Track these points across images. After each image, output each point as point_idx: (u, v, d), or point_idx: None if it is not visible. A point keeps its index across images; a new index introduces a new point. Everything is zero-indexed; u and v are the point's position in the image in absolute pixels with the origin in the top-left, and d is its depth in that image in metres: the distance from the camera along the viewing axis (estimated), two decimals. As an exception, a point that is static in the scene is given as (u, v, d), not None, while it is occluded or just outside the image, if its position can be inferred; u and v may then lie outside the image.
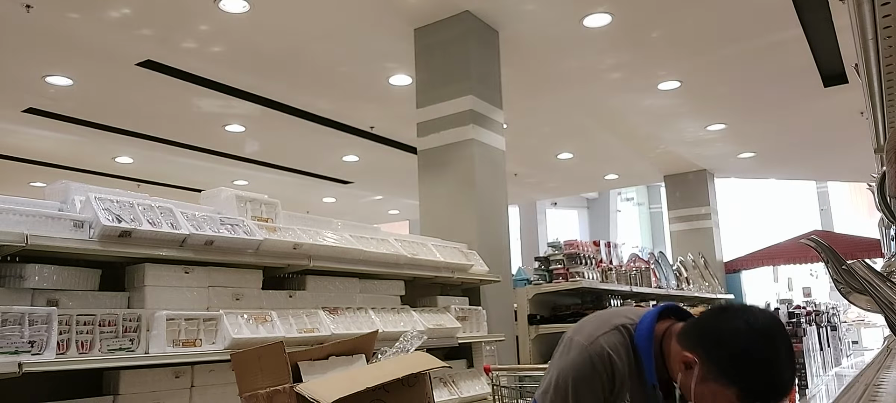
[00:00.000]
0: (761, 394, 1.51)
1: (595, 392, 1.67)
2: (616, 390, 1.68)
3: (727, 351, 1.53)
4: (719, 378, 1.52)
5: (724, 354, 1.53)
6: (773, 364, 1.52)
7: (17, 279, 2.47)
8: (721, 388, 1.52)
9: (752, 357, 1.51)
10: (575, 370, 1.68)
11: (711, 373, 1.54)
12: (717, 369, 1.53)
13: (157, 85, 6.66)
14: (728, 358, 1.52)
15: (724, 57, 6.56)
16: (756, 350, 1.51)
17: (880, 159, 3.14)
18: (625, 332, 1.71)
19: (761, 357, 1.51)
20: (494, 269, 4.89)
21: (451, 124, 5.27)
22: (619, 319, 1.75)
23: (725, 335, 1.55)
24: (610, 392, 1.68)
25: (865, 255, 9.39)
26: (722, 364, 1.53)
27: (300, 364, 1.88)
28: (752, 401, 1.51)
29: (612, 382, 1.67)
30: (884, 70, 1.87)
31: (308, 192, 12.01)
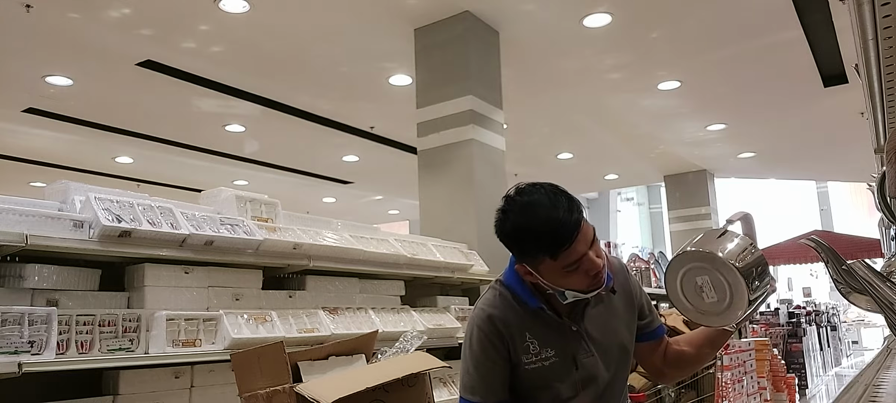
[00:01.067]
0: (558, 241, 1.61)
1: (494, 349, 1.74)
2: (509, 340, 1.74)
3: (515, 243, 1.69)
4: (537, 261, 1.66)
5: (518, 246, 1.69)
6: (541, 215, 1.63)
7: (17, 279, 2.47)
8: (545, 265, 1.65)
9: (526, 228, 1.64)
10: (469, 342, 1.78)
11: (531, 262, 1.68)
12: (527, 259, 1.69)
13: (157, 85, 6.66)
14: (522, 246, 1.68)
15: (724, 57, 6.56)
16: (523, 221, 1.65)
17: (880, 159, 3.14)
18: (496, 285, 1.83)
19: (530, 220, 1.64)
20: (494, 269, 4.89)
21: (451, 124, 5.27)
22: (491, 283, 1.88)
23: (503, 237, 1.71)
24: (503, 345, 1.74)
25: (865, 255, 9.39)
26: (524, 252, 1.68)
27: (300, 364, 1.88)
28: (563, 249, 1.61)
29: (500, 336, 1.74)
30: (884, 70, 1.87)
31: (308, 192, 12.01)
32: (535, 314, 1.77)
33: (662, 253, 8.45)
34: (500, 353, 1.74)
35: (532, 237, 1.64)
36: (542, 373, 1.75)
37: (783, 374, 5.64)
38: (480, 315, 1.78)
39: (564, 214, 1.63)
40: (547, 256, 1.63)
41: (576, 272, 1.65)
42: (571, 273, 1.65)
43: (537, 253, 1.64)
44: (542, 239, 1.62)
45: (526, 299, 1.77)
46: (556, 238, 1.61)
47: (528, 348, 1.75)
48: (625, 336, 1.87)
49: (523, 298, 1.78)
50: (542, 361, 1.75)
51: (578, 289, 1.69)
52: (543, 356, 1.75)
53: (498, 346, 1.74)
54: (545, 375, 1.75)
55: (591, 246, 1.67)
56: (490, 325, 1.75)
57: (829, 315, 9.68)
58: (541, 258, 1.64)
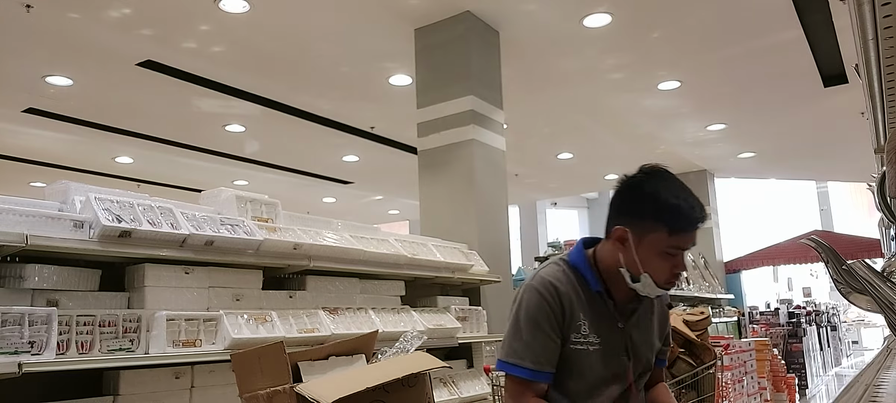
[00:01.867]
0: (684, 220, 1.69)
1: (548, 318, 1.75)
2: (567, 312, 1.77)
3: (642, 204, 1.72)
4: (648, 229, 1.71)
5: (642, 207, 1.72)
6: (681, 193, 1.71)
7: (17, 279, 2.46)
8: (654, 236, 1.70)
9: (663, 196, 1.69)
10: (524, 306, 1.79)
11: (640, 229, 1.72)
12: (642, 223, 1.71)
13: (157, 85, 6.66)
14: (647, 209, 1.71)
15: (725, 57, 6.56)
16: (662, 189, 1.71)
17: (880, 159, 3.14)
18: (561, 262, 1.86)
19: (670, 192, 1.70)
20: (494, 269, 4.89)
21: (452, 124, 5.27)
22: (552, 260, 1.91)
23: (634, 194, 1.75)
24: (561, 315, 1.77)
25: (865, 255, 9.39)
26: (644, 215, 1.71)
27: (300, 364, 1.88)
28: (681, 232, 1.69)
29: (561, 307, 1.77)
30: (884, 70, 1.87)
31: (308, 192, 12.01)
32: (592, 298, 1.81)
33: (662, 253, 8.44)
34: (556, 324, 1.76)
35: (669, 205, 1.68)
36: (583, 356, 1.78)
37: (783, 374, 5.64)
38: (544, 283, 1.79)
39: (699, 206, 1.72)
40: (665, 228, 1.69)
41: (670, 259, 1.72)
42: (666, 258, 1.71)
43: (659, 221, 1.69)
44: (676, 210, 1.68)
45: (589, 280, 1.81)
46: (688, 218, 1.69)
47: (579, 327, 1.78)
48: (650, 354, 1.93)
49: (587, 279, 1.82)
50: (588, 345, 1.78)
51: (659, 278, 1.73)
52: (591, 340, 1.78)
53: (557, 317, 1.76)
54: (585, 359, 1.78)
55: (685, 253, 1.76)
56: (554, 295, 1.77)
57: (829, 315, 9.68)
58: (658, 227, 1.69)
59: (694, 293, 8.57)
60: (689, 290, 8.45)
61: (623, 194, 1.78)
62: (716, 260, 11.27)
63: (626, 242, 1.73)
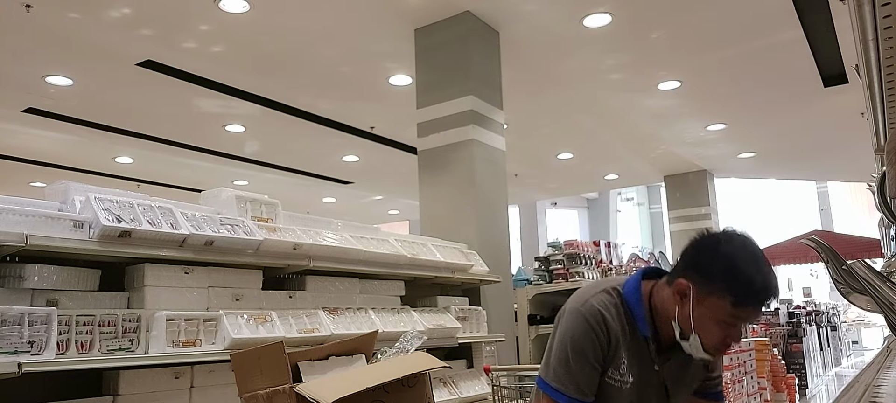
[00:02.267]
0: (753, 295, 1.60)
1: (593, 349, 1.72)
2: (611, 347, 1.73)
3: (715, 264, 1.63)
4: (712, 293, 1.61)
5: (714, 267, 1.62)
6: (757, 269, 1.60)
7: (17, 279, 2.46)
8: (716, 301, 1.61)
9: (738, 265, 1.60)
10: (571, 332, 1.74)
11: (704, 290, 1.63)
12: (708, 284, 1.62)
13: (157, 85, 6.66)
14: (718, 270, 1.61)
15: (725, 57, 6.56)
16: (740, 258, 1.61)
17: (880, 159, 3.14)
18: (614, 293, 1.79)
19: (745, 263, 1.60)
20: (494, 269, 4.89)
21: (452, 124, 5.27)
22: (606, 284, 1.84)
23: (709, 253, 1.66)
24: (606, 349, 1.73)
25: (865, 255, 9.39)
26: (712, 277, 1.62)
27: (300, 364, 1.88)
28: (745, 306, 1.60)
29: (607, 338, 1.72)
30: (884, 70, 1.87)
31: (308, 192, 12.01)
32: (637, 339, 1.76)
33: (662, 254, 8.44)
34: (599, 355, 1.73)
35: (741, 275, 1.60)
36: (615, 392, 1.75)
37: (783, 374, 5.64)
38: (593, 312, 1.74)
39: (774, 285, 1.63)
40: (730, 297, 1.60)
41: (724, 328, 1.64)
42: (721, 326, 1.64)
43: (726, 288, 1.60)
44: (748, 283, 1.59)
45: (639, 322, 1.76)
46: (758, 293, 1.60)
47: (619, 364, 1.75)
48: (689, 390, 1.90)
49: (636, 318, 1.76)
50: (622, 382, 1.75)
51: (708, 343, 1.66)
52: (626, 377, 1.75)
53: (603, 349, 1.73)
54: (617, 395, 1.75)
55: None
56: (602, 328, 1.72)
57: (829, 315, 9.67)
58: (723, 294, 1.60)
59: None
60: (688, 290, 8.44)
61: (697, 248, 1.70)
62: (716, 260, 11.25)
63: (686, 298, 1.66)
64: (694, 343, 1.67)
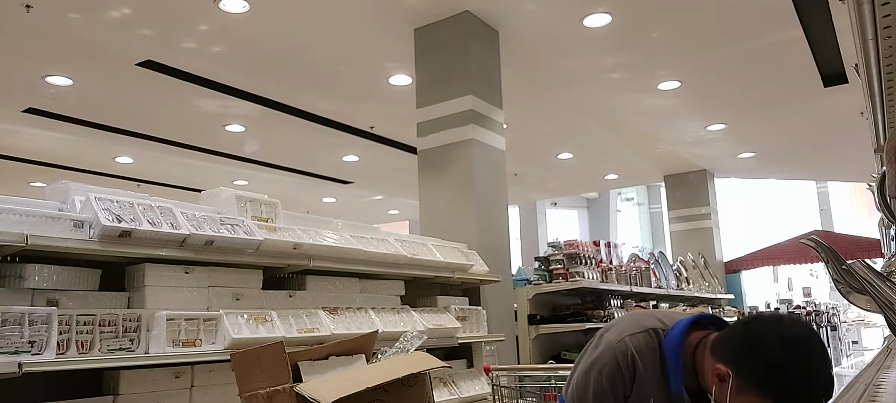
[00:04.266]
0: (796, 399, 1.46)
1: (614, 388, 1.68)
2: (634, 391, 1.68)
3: (760, 361, 1.49)
4: (753, 390, 1.49)
5: (757, 364, 1.49)
6: (808, 373, 1.47)
7: (17, 279, 2.46)
8: (756, 400, 1.49)
9: (786, 366, 1.46)
10: (599, 364, 1.70)
11: (745, 385, 1.50)
12: (750, 380, 1.49)
13: (157, 85, 6.66)
14: (761, 369, 1.48)
15: (725, 57, 6.56)
16: (790, 359, 1.47)
17: (880, 159, 3.14)
18: (655, 336, 1.70)
19: (795, 365, 1.46)
20: (494, 269, 4.89)
21: (451, 124, 5.27)
22: (651, 321, 1.74)
23: (757, 344, 1.51)
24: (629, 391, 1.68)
25: (865, 255, 9.39)
26: (755, 374, 1.49)
27: (300, 364, 1.88)
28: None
29: (632, 382, 1.67)
30: (884, 70, 1.87)
31: (308, 192, 12.01)
32: (668, 390, 1.68)
33: (662, 254, 8.45)
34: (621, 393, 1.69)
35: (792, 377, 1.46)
36: None
37: (783, 374, 5.63)
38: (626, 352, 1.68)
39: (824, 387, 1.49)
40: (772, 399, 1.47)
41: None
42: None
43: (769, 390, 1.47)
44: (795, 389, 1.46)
45: (673, 375, 1.67)
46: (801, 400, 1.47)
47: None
48: None
49: (671, 372, 1.67)
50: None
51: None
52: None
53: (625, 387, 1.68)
54: None
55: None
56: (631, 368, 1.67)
57: (829, 315, 9.69)
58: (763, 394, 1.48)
59: (694, 293, 8.57)
60: (689, 290, 8.45)
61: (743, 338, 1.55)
62: (716, 260, 11.27)
63: (725, 383, 1.53)
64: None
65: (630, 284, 6.56)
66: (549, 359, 5.41)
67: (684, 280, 8.59)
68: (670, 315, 1.78)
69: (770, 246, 12.44)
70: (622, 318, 1.83)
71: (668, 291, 7.66)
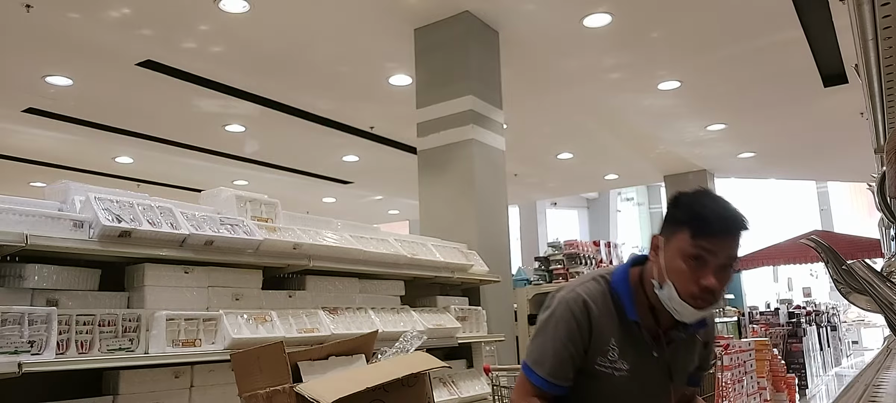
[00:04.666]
0: (709, 222, 1.63)
1: (571, 336, 1.74)
2: (594, 336, 1.75)
3: (678, 209, 1.71)
4: (675, 232, 1.67)
5: (677, 213, 1.70)
6: (713, 200, 1.68)
7: (17, 279, 2.46)
8: (679, 240, 1.66)
9: (690, 198, 1.70)
10: (554, 319, 1.77)
11: (668, 234, 1.69)
12: (670, 228, 1.70)
13: (157, 85, 6.66)
14: (680, 213, 1.69)
15: (724, 57, 6.56)
16: (693, 194, 1.71)
17: (880, 159, 3.14)
18: (602, 281, 1.82)
19: (701, 198, 1.69)
20: (494, 269, 4.89)
21: (451, 124, 5.27)
22: (597, 273, 1.87)
23: (673, 204, 1.74)
24: (588, 338, 1.75)
25: (865, 255, 9.38)
26: (670, 218, 1.71)
27: (300, 364, 1.88)
28: (704, 234, 1.62)
29: (589, 327, 1.75)
30: (884, 70, 1.87)
31: (308, 192, 12.01)
32: (628, 325, 1.77)
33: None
34: (580, 341, 1.75)
35: (695, 207, 1.67)
36: (607, 381, 1.76)
37: (783, 374, 5.63)
38: (576, 298, 1.76)
39: (734, 215, 1.66)
40: (688, 230, 1.64)
41: (694, 268, 1.64)
42: (689, 263, 1.64)
43: (684, 222, 1.66)
44: (701, 211, 1.65)
45: (626, 307, 1.77)
46: (711, 220, 1.64)
47: (607, 351, 1.76)
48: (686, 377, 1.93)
49: (624, 305, 1.77)
50: (614, 370, 1.76)
51: (681, 289, 1.65)
52: (617, 366, 1.76)
53: (582, 334, 1.74)
54: (609, 384, 1.76)
55: (722, 271, 1.65)
56: (583, 312, 1.75)
57: (829, 315, 9.67)
58: (682, 229, 1.65)
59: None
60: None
61: (669, 208, 1.76)
62: (716, 260, 11.26)
63: (658, 249, 1.71)
64: (668, 291, 1.66)
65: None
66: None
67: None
68: (610, 268, 1.90)
69: (770, 246, 12.41)
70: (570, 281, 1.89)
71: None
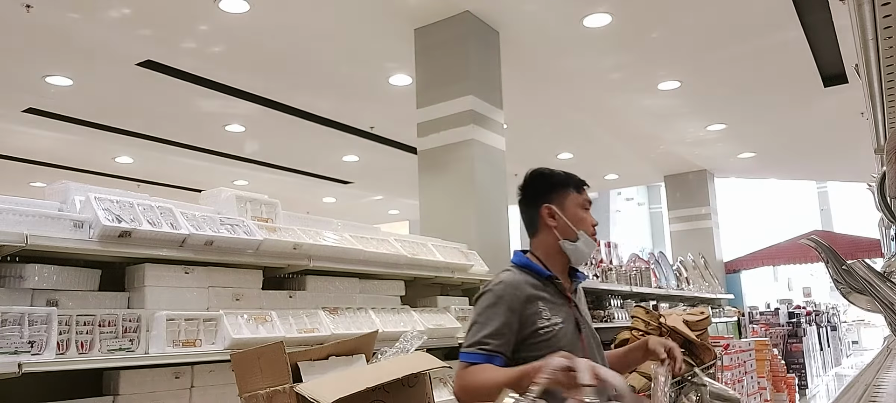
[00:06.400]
0: (579, 181, 2.20)
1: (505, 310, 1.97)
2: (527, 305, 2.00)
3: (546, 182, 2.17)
4: (565, 195, 2.13)
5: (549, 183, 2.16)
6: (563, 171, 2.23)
7: (17, 279, 2.46)
8: (571, 198, 2.14)
9: (550, 171, 2.20)
10: (481, 305, 2.03)
11: (558, 198, 2.13)
12: (557, 193, 2.13)
13: (157, 85, 6.66)
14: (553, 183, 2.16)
15: (724, 57, 6.56)
16: (546, 169, 2.21)
17: (880, 159, 3.14)
18: (510, 267, 2.13)
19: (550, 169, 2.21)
20: (494, 269, 4.88)
21: (451, 124, 5.27)
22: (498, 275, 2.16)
23: (536, 182, 2.19)
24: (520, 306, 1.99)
25: (865, 255, 9.39)
26: (555, 188, 2.15)
27: (300, 364, 1.88)
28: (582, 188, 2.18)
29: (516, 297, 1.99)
30: (884, 70, 1.87)
31: (308, 192, 12.01)
32: (546, 282, 2.07)
33: (662, 253, 8.44)
34: (510, 310, 1.96)
35: (563, 174, 2.17)
36: (553, 340, 1.97)
37: (783, 374, 5.64)
38: (496, 282, 2.04)
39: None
40: (573, 188, 2.13)
41: (588, 213, 2.14)
42: (585, 212, 2.13)
43: (567, 186, 2.12)
44: (570, 176, 2.17)
45: (538, 270, 2.08)
46: (578, 179, 2.17)
47: (541, 313, 2.00)
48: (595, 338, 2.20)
49: (536, 270, 2.08)
50: (553, 326, 2.00)
51: (588, 232, 2.11)
52: (554, 321, 2.01)
53: (510, 305, 1.97)
54: (556, 340, 1.97)
55: None
56: (505, 288, 2.01)
57: (829, 315, 9.68)
58: (569, 190, 2.12)
59: (694, 293, 8.57)
60: (689, 290, 8.45)
61: (531, 188, 2.17)
62: (716, 260, 11.27)
63: (556, 215, 2.10)
64: (583, 237, 2.10)
65: (630, 284, 6.56)
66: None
67: (684, 280, 8.59)
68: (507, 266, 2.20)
69: (770, 246, 12.43)
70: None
71: (668, 291, 7.66)
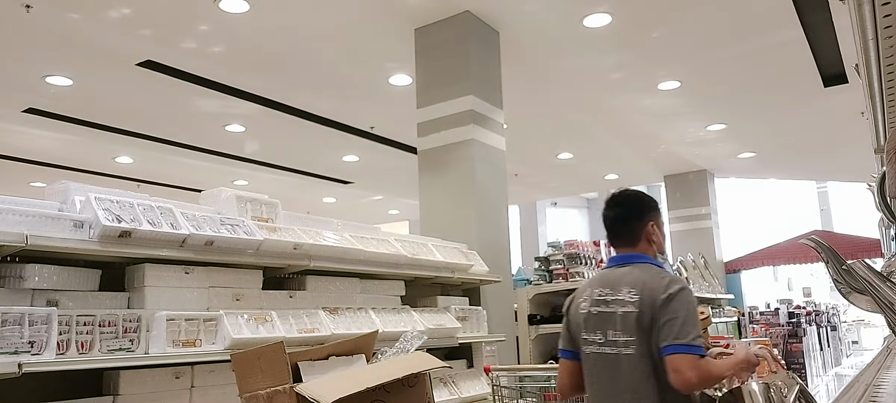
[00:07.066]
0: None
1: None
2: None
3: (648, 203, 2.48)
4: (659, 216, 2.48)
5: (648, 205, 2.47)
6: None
7: (17, 279, 2.46)
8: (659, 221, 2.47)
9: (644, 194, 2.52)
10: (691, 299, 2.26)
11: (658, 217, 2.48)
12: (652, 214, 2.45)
13: (157, 85, 6.66)
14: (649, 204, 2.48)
15: (724, 57, 6.55)
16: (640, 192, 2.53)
17: (880, 159, 3.14)
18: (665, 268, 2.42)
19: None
20: (494, 269, 4.89)
21: (452, 124, 5.27)
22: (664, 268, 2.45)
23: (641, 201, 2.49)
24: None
25: (865, 255, 9.39)
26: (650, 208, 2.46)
27: (300, 364, 1.88)
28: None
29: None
30: (884, 70, 1.87)
31: (308, 192, 12.01)
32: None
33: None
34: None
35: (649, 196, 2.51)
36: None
37: (783, 374, 5.63)
38: (682, 280, 2.35)
39: None
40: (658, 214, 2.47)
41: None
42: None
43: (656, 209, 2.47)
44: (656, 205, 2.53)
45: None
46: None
47: None
48: None
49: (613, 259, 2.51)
50: None
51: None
52: None
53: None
54: None
55: None
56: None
57: (829, 315, 9.69)
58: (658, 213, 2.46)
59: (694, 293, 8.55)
60: (689, 290, 8.43)
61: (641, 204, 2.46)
62: (716, 260, 11.27)
63: (657, 232, 2.42)
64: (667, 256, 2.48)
65: (630, 284, 6.55)
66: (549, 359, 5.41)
67: (684, 279, 8.58)
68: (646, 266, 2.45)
69: (770, 246, 12.44)
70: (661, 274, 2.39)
71: (668, 291, 7.64)
